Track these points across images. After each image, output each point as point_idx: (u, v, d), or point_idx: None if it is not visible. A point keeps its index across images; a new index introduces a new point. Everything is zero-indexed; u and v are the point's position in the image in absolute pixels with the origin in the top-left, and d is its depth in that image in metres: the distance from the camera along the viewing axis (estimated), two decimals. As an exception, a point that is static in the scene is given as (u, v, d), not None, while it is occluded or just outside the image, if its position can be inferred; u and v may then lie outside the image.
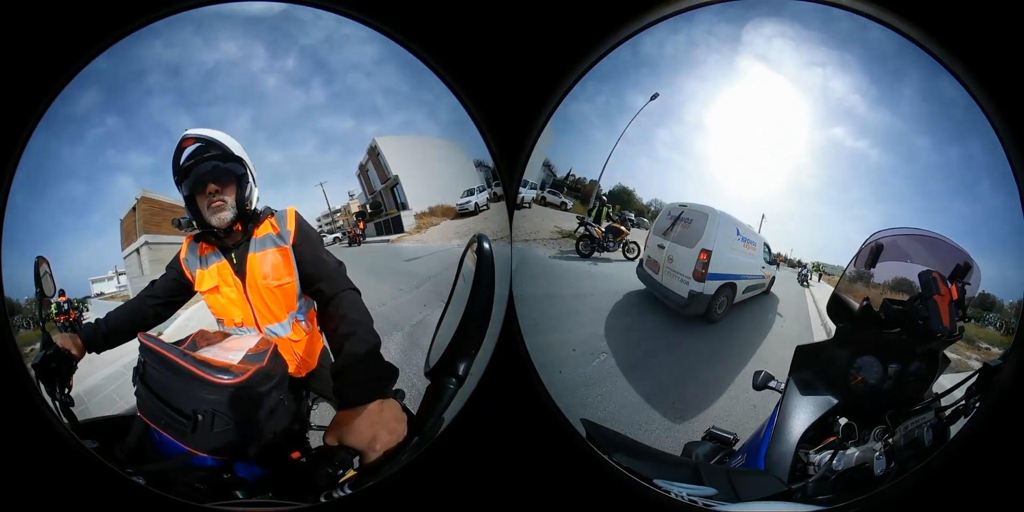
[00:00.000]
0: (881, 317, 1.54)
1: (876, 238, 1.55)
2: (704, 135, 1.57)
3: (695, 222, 1.63)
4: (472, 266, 1.35)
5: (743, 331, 1.67)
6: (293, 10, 1.53)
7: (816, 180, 1.54)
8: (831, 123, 1.52)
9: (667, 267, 1.70)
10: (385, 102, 1.56)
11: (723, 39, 1.56)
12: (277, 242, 1.47)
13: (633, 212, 1.75)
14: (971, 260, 1.50)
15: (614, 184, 1.69)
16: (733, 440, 1.66)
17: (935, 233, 1.51)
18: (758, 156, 1.55)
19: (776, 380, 1.61)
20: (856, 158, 1.51)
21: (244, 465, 1.33)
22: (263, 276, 1.46)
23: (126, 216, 1.51)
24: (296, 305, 1.49)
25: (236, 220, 1.44)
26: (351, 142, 1.56)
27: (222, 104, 1.49)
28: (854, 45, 1.51)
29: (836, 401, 1.56)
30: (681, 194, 1.65)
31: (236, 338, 1.44)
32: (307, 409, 1.52)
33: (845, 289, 1.58)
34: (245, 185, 1.44)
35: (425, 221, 1.59)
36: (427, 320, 1.52)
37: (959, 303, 1.53)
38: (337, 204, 1.60)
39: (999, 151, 1.45)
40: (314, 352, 1.54)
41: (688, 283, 1.65)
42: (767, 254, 1.66)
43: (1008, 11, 1.46)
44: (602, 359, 1.61)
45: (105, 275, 1.53)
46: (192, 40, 1.49)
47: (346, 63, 1.55)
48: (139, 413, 1.33)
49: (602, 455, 1.59)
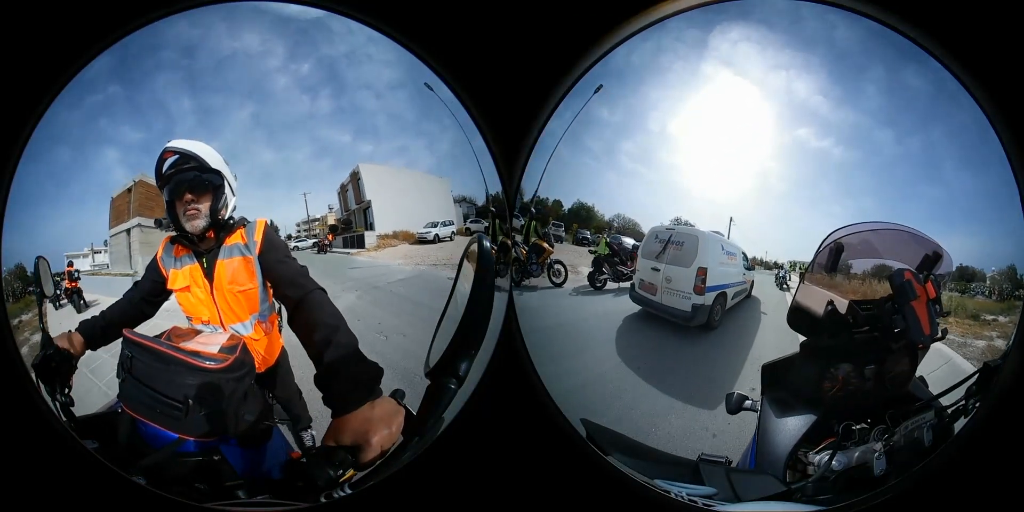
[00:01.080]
0: (850, 321, 1.53)
1: (835, 238, 1.55)
2: (670, 144, 1.62)
3: (687, 244, 1.77)
4: (472, 266, 1.35)
5: (739, 330, 1.80)
6: (328, 19, 1.56)
7: (784, 181, 1.59)
8: (795, 124, 1.57)
9: (666, 287, 1.82)
10: (387, 125, 1.61)
11: (690, 45, 1.60)
12: (243, 252, 1.55)
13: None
14: (940, 248, 1.51)
15: (573, 201, 1.75)
16: (727, 463, 1.65)
17: (900, 225, 1.52)
18: (725, 161, 1.60)
19: (750, 400, 1.65)
20: (821, 157, 1.56)
21: (227, 448, 1.40)
22: (228, 281, 1.54)
23: (119, 196, 1.53)
24: (259, 308, 1.57)
25: (209, 228, 1.52)
26: (344, 156, 1.61)
27: (227, 93, 1.51)
28: (819, 46, 1.55)
29: (814, 416, 1.55)
30: (649, 206, 1.71)
31: (207, 334, 1.53)
32: (269, 405, 1.56)
33: (806, 296, 1.59)
34: (220, 196, 1.52)
35: (385, 242, 1.75)
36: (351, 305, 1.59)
37: (936, 300, 1.53)
38: (317, 213, 1.71)
39: (967, 134, 1.50)
40: (273, 350, 1.61)
41: (690, 298, 1.79)
42: (745, 261, 1.80)
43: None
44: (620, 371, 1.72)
45: (81, 252, 1.59)
46: (217, 25, 1.51)
47: (359, 80, 1.59)
48: (125, 409, 1.38)
49: (602, 455, 1.59)
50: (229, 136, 1.53)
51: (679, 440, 1.64)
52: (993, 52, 1.48)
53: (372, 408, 1.32)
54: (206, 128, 1.51)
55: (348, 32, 1.58)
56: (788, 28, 1.56)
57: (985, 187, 1.51)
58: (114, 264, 1.61)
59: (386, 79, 1.60)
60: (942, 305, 1.54)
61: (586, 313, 1.89)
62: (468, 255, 1.43)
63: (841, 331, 1.54)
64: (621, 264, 1.89)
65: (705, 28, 1.58)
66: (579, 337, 1.82)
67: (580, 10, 1.59)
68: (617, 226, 1.80)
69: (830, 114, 1.55)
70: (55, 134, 1.48)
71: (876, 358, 1.54)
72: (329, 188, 1.68)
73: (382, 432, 1.29)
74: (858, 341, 1.54)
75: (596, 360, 1.75)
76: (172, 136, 1.49)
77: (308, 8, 1.56)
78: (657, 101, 1.63)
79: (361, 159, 1.63)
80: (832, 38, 1.54)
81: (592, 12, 1.59)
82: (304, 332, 1.47)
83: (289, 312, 1.53)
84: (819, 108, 1.55)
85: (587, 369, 1.75)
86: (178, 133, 1.49)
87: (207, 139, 1.51)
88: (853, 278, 1.58)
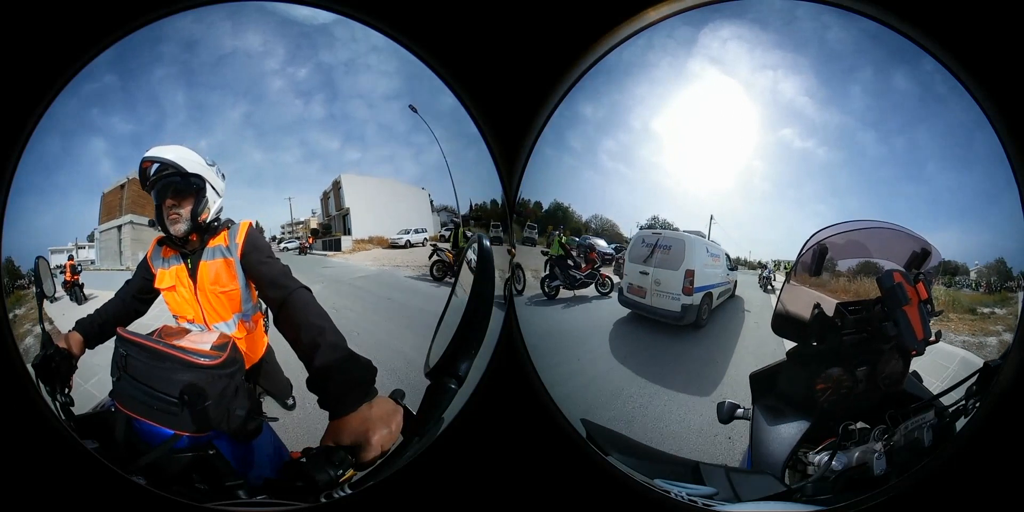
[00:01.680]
0: (838, 324, 1.53)
1: (820, 238, 1.55)
2: (652, 142, 1.64)
3: (674, 248, 1.85)
4: (472, 266, 1.35)
5: (725, 328, 1.89)
6: (334, 24, 1.57)
7: (768, 181, 1.61)
8: (780, 125, 1.58)
9: (655, 289, 1.90)
10: (376, 135, 1.64)
11: (680, 42, 1.60)
12: (225, 254, 1.58)
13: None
14: (927, 244, 1.52)
15: (550, 201, 1.78)
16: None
17: (886, 223, 1.53)
18: (708, 161, 1.62)
19: (742, 408, 1.66)
20: (806, 157, 1.58)
21: (221, 442, 1.41)
22: (211, 282, 1.58)
23: (110, 192, 1.55)
24: (242, 308, 1.61)
25: (191, 231, 1.56)
26: (332, 162, 1.65)
27: (222, 90, 1.52)
28: (810, 47, 1.57)
29: (807, 423, 1.55)
30: (629, 205, 1.74)
31: (197, 333, 1.55)
32: (258, 402, 1.57)
33: (790, 300, 1.59)
34: (201, 200, 1.54)
35: (359, 246, 1.88)
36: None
37: (928, 300, 1.52)
38: (301, 216, 1.79)
39: (953, 135, 1.52)
40: (256, 348, 1.64)
41: (679, 299, 1.87)
42: (728, 262, 1.88)
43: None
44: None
45: (64, 246, 1.62)
46: (221, 22, 1.52)
47: (354, 89, 1.61)
48: (120, 407, 1.38)
49: (602, 455, 1.59)
50: (220, 134, 1.54)
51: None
52: (993, 51, 1.48)
53: (370, 408, 1.32)
54: (197, 124, 1.52)
55: (351, 39, 1.60)
56: (781, 28, 1.57)
57: (971, 184, 1.53)
58: (101, 260, 1.64)
59: (382, 90, 1.63)
60: (934, 305, 1.54)
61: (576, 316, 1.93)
62: (468, 256, 1.43)
63: (830, 336, 1.53)
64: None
65: (697, 26, 1.59)
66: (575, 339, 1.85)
67: (579, 11, 1.59)
68: (595, 227, 1.81)
69: (815, 114, 1.57)
70: (49, 124, 1.48)
71: (867, 360, 1.53)
72: (316, 191, 1.73)
73: (381, 432, 1.29)
74: (847, 344, 1.53)
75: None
76: (162, 129, 1.50)
77: (315, 12, 1.56)
78: (642, 98, 1.64)
79: (348, 166, 1.67)
80: (824, 39, 1.56)
81: (592, 13, 1.59)
82: (291, 333, 1.48)
83: (274, 312, 1.54)
84: (804, 108, 1.57)
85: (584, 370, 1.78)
86: (168, 127, 1.50)
87: (197, 136, 1.53)
88: (840, 278, 1.58)
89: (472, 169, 1.67)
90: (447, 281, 1.76)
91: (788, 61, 1.56)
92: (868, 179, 1.56)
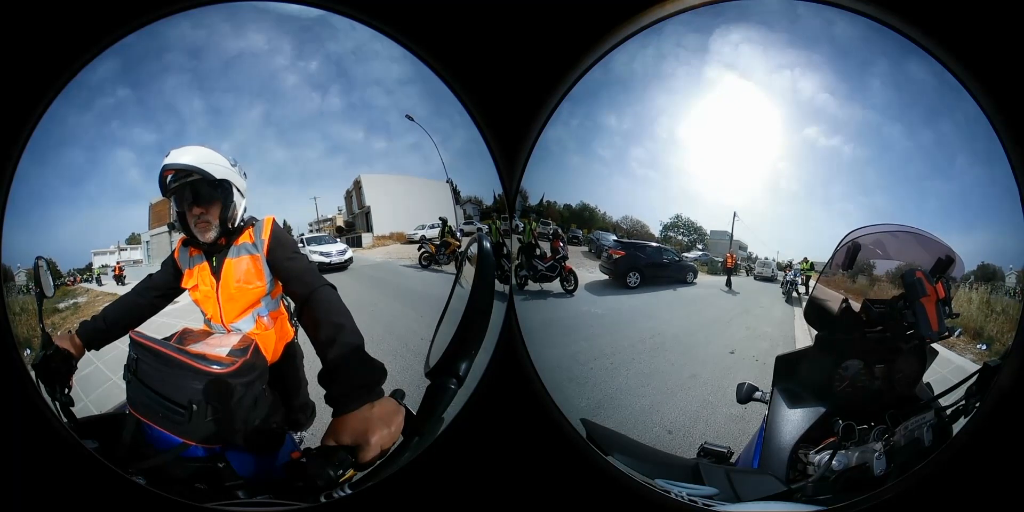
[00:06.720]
0: (863, 319, 1.55)
1: (852, 237, 1.56)
2: (679, 149, 1.63)
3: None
4: (472, 266, 1.35)
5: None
6: (329, 16, 1.56)
7: (796, 182, 1.59)
8: (803, 124, 1.57)
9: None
10: (399, 122, 1.62)
11: (692, 50, 1.59)
12: (251, 250, 1.56)
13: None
14: (953, 253, 1.52)
15: (576, 202, 1.80)
16: (728, 454, 1.67)
17: (914, 228, 1.53)
18: (735, 164, 1.61)
19: (760, 391, 1.67)
20: (832, 155, 1.56)
21: (235, 454, 1.38)
22: (236, 280, 1.56)
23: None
24: (261, 303, 1.59)
25: (220, 236, 1.54)
26: (358, 153, 1.63)
27: (237, 93, 1.52)
28: (821, 43, 1.55)
29: (823, 409, 1.56)
30: (664, 210, 1.75)
31: (219, 336, 1.53)
32: (282, 411, 1.56)
33: (822, 292, 1.62)
34: (229, 204, 1.53)
35: (380, 242, 1.94)
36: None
37: (945, 301, 1.54)
38: (328, 214, 1.81)
39: (975, 126, 1.48)
40: (276, 345, 1.62)
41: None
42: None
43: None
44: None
45: (107, 249, 1.63)
46: (221, 25, 1.51)
47: (368, 77, 1.60)
48: (131, 410, 1.37)
49: (602, 455, 1.59)
50: (240, 136, 1.54)
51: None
52: (992, 51, 1.47)
53: (372, 408, 1.32)
54: (217, 129, 1.52)
55: (351, 28, 1.57)
56: (787, 27, 1.55)
57: (998, 178, 1.50)
58: (150, 260, 1.65)
59: (396, 74, 1.60)
60: (951, 307, 1.55)
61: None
62: (468, 255, 1.44)
63: (854, 328, 1.57)
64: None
65: (704, 32, 1.58)
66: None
67: (580, 11, 1.59)
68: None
69: (838, 111, 1.54)
70: (64, 137, 1.49)
71: (886, 357, 1.55)
72: (344, 185, 1.72)
73: (382, 432, 1.29)
74: (870, 339, 1.56)
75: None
76: (184, 136, 1.50)
77: (309, 7, 1.55)
78: (663, 108, 1.63)
79: (375, 157, 1.65)
80: (832, 34, 1.53)
81: (591, 13, 1.59)
82: (311, 329, 1.47)
83: (298, 308, 1.53)
84: (826, 105, 1.55)
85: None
86: (190, 134, 1.50)
87: (219, 139, 1.52)
88: (867, 277, 1.60)
89: (486, 161, 1.67)
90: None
91: (803, 59, 1.54)
92: (897, 177, 1.54)
